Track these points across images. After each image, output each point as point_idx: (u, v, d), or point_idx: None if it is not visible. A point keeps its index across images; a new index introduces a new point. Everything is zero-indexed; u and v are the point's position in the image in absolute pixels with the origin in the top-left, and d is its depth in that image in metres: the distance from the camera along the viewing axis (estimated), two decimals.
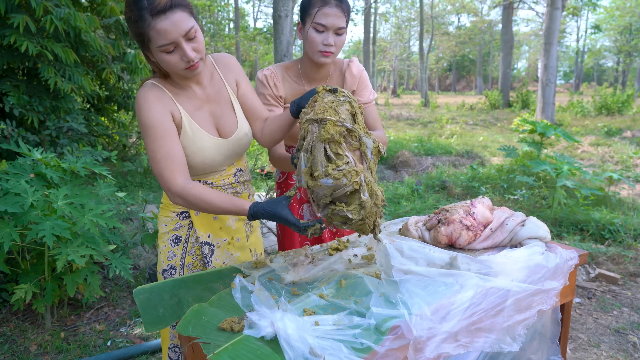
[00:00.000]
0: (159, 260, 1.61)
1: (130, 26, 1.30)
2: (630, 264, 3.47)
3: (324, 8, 1.62)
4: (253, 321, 1.06)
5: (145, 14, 1.24)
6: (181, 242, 1.57)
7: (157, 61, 1.35)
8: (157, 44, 1.28)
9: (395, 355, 1.09)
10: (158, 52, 1.30)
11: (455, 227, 1.58)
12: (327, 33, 1.65)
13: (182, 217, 1.57)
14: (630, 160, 7.48)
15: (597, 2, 18.13)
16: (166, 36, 1.26)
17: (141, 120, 1.38)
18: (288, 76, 1.82)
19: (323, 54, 1.67)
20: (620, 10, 34.86)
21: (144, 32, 1.27)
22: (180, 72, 1.35)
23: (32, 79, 4.45)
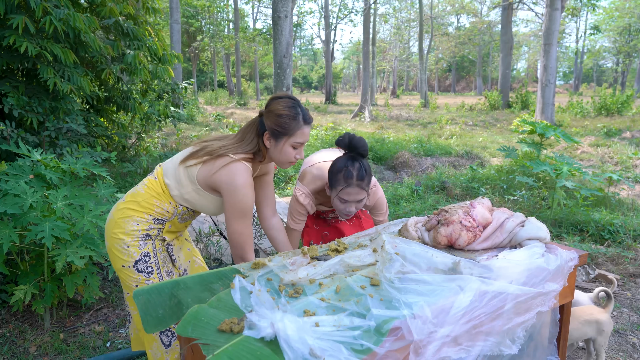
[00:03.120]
0: (126, 254, 1.72)
1: (280, 119, 1.67)
2: (629, 264, 3.47)
3: (347, 188, 1.96)
4: (253, 322, 1.06)
5: (300, 118, 1.70)
6: (150, 238, 1.77)
7: (276, 150, 1.72)
8: (295, 140, 1.71)
9: (395, 357, 1.09)
10: (289, 145, 1.71)
11: (455, 227, 1.57)
12: (349, 204, 2.00)
13: (157, 222, 1.77)
14: (629, 160, 7.48)
15: (597, 2, 18.14)
16: (304, 137, 1.73)
17: (240, 199, 1.65)
18: (319, 197, 2.23)
19: (347, 216, 2.06)
20: (619, 11, 34.90)
21: (291, 128, 1.68)
22: (286, 163, 1.76)
23: (31, 80, 4.44)
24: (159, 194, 1.74)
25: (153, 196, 1.74)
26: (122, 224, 1.72)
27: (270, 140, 1.72)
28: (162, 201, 1.74)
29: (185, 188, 1.72)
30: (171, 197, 1.74)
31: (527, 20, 38.32)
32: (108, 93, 5.82)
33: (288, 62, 8.83)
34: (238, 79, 25.71)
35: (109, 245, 1.76)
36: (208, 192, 1.72)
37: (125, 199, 1.77)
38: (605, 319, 2.16)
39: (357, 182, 1.94)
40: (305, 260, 1.51)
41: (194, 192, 1.72)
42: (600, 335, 2.16)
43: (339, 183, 1.97)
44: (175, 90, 6.77)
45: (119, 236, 1.72)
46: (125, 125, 6.77)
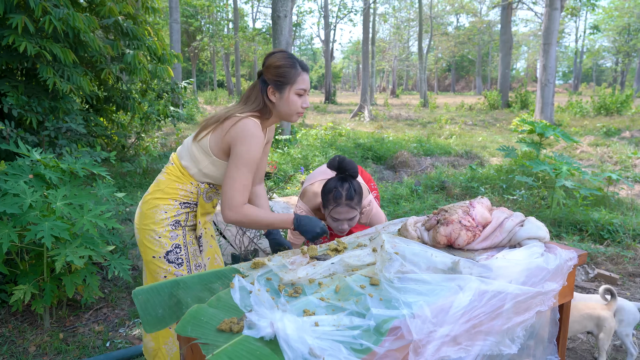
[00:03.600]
0: (158, 244, 1.76)
1: (279, 70, 1.70)
2: (629, 264, 3.48)
3: (337, 208, 2.05)
4: (252, 322, 1.06)
5: (298, 66, 1.73)
6: (180, 225, 1.80)
7: (283, 101, 1.73)
8: (298, 87, 1.73)
9: (395, 356, 1.09)
10: (293, 93, 1.73)
11: (455, 227, 1.58)
12: (341, 222, 2.09)
13: (184, 206, 1.80)
14: (629, 160, 7.49)
15: (596, 2, 18.15)
16: (305, 84, 1.75)
17: (251, 150, 1.65)
18: (318, 214, 2.31)
19: (340, 231, 2.12)
20: (618, 11, 34.91)
21: (292, 76, 1.71)
22: (294, 114, 1.77)
23: (30, 80, 4.44)
24: (179, 177, 1.78)
25: (174, 180, 1.78)
26: (151, 215, 1.76)
27: (275, 94, 1.74)
28: (184, 183, 1.78)
29: (201, 163, 1.75)
30: (191, 177, 1.78)
31: (527, 20, 38.35)
32: (107, 93, 5.82)
33: None
34: (237, 79, 25.70)
35: (140, 238, 1.79)
36: (224, 160, 1.74)
37: (150, 191, 1.81)
38: (606, 316, 2.18)
39: (346, 201, 2.03)
40: (305, 259, 1.51)
41: (211, 164, 1.75)
42: (601, 332, 2.18)
43: (330, 203, 2.07)
44: (175, 89, 6.77)
45: (150, 227, 1.76)
46: (125, 124, 6.77)
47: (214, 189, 1.86)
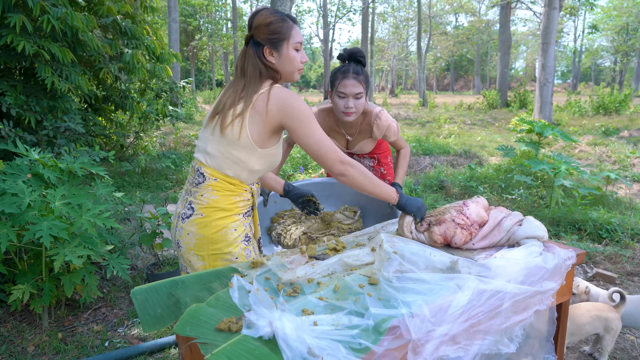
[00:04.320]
0: None
1: (271, 27, 1.59)
2: (627, 263, 3.48)
3: (344, 80, 2.09)
4: (251, 321, 1.06)
5: (287, 19, 1.62)
6: (250, 239, 1.71)
7: (283, 59, 1.62)
8: (295, 40, 1.63)
9: (394, 356, 1.09)
10: (291, 48, 1.62)
11: (448, 226, 1.58)
12: (347, 99, 2.11)
13: (246, 216, 1.70)
14: (627, 159, 7.50)
15: (595, 2, 18.17)
16: (300, 36, 1.65)
17: (304, 108, 1.56)
18: (326, 118, 2.33)
19: (345, 114, 2.14)
20: (617, 10, 34.96)
21: (286, 30, 1.60)
22: (295, 71, 1.66)
23: (29, 79, 4.43)
24: (232, 190, 1.62)
25: (229, 195, 1.61)
26: (222, 238, 1.60)
27: (272, 54, 1.61)
28: (239, 194, 1.63)
29: (250, 162, 1.59)
30: (243, 183, 1.63)
31: (526, 20, 38.35)
32: (106, 92, 5.81)
33: None
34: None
35: (209, 265, 1.62)
36: (271, 147, 1.61)
37: (205, 214, 1.60)
38: (614, 318, 2.21)
39: (352, 74, 2.08)
40: (304, 259, 1.51)
41: (259, 158, 1.60)
42: (607, 333, 2.20)
43: (337, 78, 2.11)
44: (174, 89, 6.76)
45: (224, 250, 1.61)
46: (124, 124, 6.76)
47: (257, 184, 1.75)
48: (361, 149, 2.41)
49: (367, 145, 2.40)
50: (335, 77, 2.14)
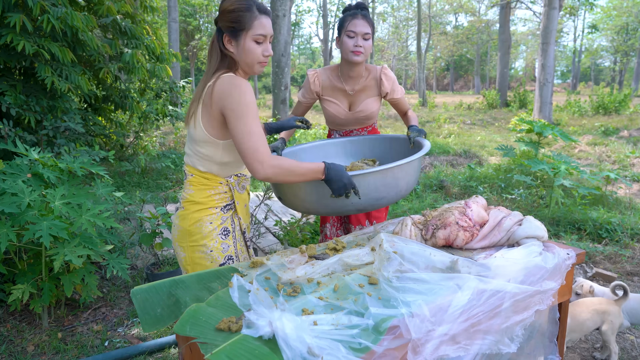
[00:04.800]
0: (210, 259, 1.66)
1: (233, 15, 1.55)
2: (627, 263, 3.48)
3: (354, 20, 2.16)
4: (251, 321, 1.06)
5: (254, 8, 1.56)
6: (229, 232, 1.71)
7: (240, 50, 1.58)
8: (255, 32, 1.56)
9: (394, 355, 1.09)
10: (251, 40, 1.57)
11: (452, 229, 1.58)
12: (357, 38, 2.16)
13: (225, 210, 1.71)
14: (627, 159, 7.50)
15: (594, 2, 18.17)
16: (264, 28, 1.57)
17: (242, 98, 1.50)
18: (330, 76, 2.35)
19: (355, 53, 2.17)
20: (617, 10, 34.96)
21: (247, 20, 1.55)
22: (255, 64, 1.60)
23: (29, 79, 4.43)
24: (206, 185, 1.66)
25: (204, 189, 1.66)
26: (197, 230, 1.65)
27: (231, 43, 1.57)
28: (214, 187, 1.66)
29: (216, 156, 1.62)
30: (217, 177, 1.66)
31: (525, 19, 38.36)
32: (106, 92, 5.81)
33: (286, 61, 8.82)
34: None
35: (188, 256, 1.67)
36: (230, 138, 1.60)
37: (185, 207, 1.68)
38: (613, 310, 2.21)
39: (361, 15, 2.16)
40: (304, 259, 1.51)
41: (224, 150, 1.62)
42: (606, 324, 2.19)
43: (345, 20, 2.17)
44: (173, 89, 6.76)
45: (199, 242, 1.65)
46: (123, 124, 6.76)
47: (243, 177, 1.75)
48: (365, 108, 2.35)
49: (372, 104, 2.36)
50: (344, 19, 2.18)
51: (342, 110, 2.37)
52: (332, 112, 2.37)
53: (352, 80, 2.31)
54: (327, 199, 1.67)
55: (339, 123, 2.44)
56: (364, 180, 1.64)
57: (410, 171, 1.80)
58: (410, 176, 1.81)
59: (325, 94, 2.37)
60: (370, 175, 1.66)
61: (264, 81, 40.46)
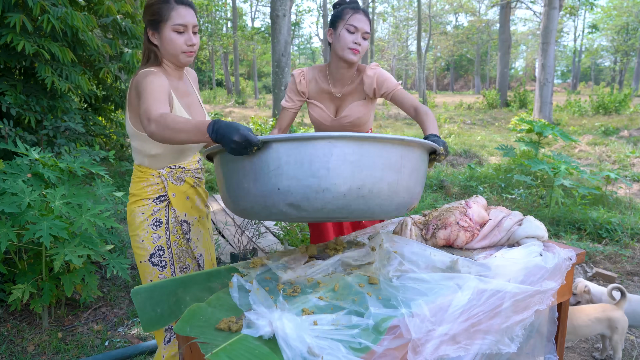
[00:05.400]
0: (142, 248, 1.72)
1: (152, 8, 1.59)
2: (627, 262, 3.48)
3: (356, 14, 1.90)
4: (251, 321, 1.06)
5: (171, 1, 1.59)
6: (162, 223, 1.74)
7: (163, 41, 1.61)
8: (173, 22, 1.59)
9: (394, 355, 1.09)
10: (170, 30, 1.59)
11: (453, 229, 1.58)
12: (357, 34, 1.90)
13: (158, 201, 1.73)
14: (627, 159, 7.50)
15: (595, 1, 18.16)
16: (183, 18, 1.60)
17: (145, 86, 1.50)
18: (316, 77, 2.07)
19: (352, 51, 1.91)
20: (617, 10, 34.95)
21: (164, 12, 1.58)
22: (180, 54, 1.62)
23: (29, 79, 4.43)
24: (140, 177, 1.73)
25: (138, 181, 1.73)
26: (132, 221, 1.74)
27: (154, 36, 1.63)
28: (147, 179, 1.72)
29: (145, 148, 1.68)
30: (148, 168, 1.72)
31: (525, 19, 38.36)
32: (106, 92, 5.81)
33: (286, 61, 8.82)
34: (236, 78, 25.69)
35: (132, 245, 1.77)
36: None
37: (128, 200, 1.78)
38: (618, 316, 2.20)
39: (363, 9, 1.93)
40: (304, 259, 1.51)
41: (149, 142, 1.66)
42: (615, 333, 2.19)
43: (346, 12, 1.91)
44: None
45: (134, 232, 1.74)
46: (124, 124, 6.76)
47: (180, 169, 1.76)
48: (350, 113, 2.05)
49: (358, 108, 2.05)
50: (344, 11, 1.92)
51: (327, 115, 2.08)
52: (316, 118, 2.10)
53: (340, 81, 2.04)
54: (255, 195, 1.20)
55: (325, 130, 2.13)
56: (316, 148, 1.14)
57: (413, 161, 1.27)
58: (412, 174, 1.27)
59: (311, 96, 2.10)
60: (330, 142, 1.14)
61: (264, 81, 40.45)
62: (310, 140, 1.14)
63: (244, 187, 1.23)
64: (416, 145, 1.27)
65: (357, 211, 1.21)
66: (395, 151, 1.21)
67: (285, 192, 1.15)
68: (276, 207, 1.19)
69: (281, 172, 1.15)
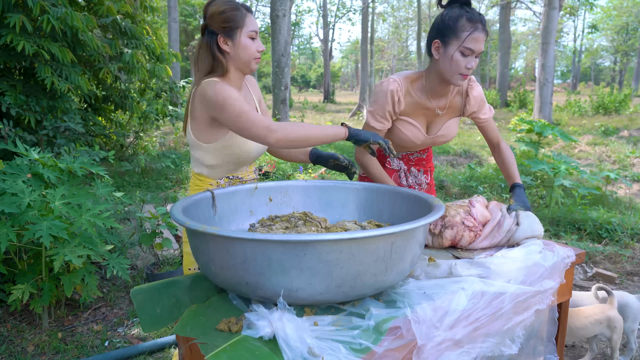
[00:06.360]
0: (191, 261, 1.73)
1: (224, 15, 1.60)
2: (627, 263, 3.48)
3: (475, 33, 1.61)
4: (251, 321, 1.06)
5: (241, 7, 1.63)
6: None
7: (238, 48, 1.62)
8: (248, 29, 1.62)
9: (394, 356, 1.09)
10: (246, 37, 1.62)
11: (458, 229, 1.59)
12: (471, 57, 1.64)
13: None
14: (627, 159, 7.50)
15: (594, 1, 18.17)
16: (255, 25, 1.64)
17: (224, 94, 1.52)
18: (412, 89, 1.80)
19: (463, 77, 1.68)
20: (617, 10, 34.97)
21: (239, 19, 1.61)
22: (252, 60, 1.65)
23: (28, 79, 4.43)
24: (199, 185, 1.74)
25: (196, 189, 1.74)
26: None
27: (227, 43, 1.62)
28: (205, 188, 1.70)
29: (205, 158, 1.68)
30: (207, 178, 1.73)
31: (525, 19, 38.38)
32: (106, 92, 5.81)
33: (286, 61, 8.82)
34: None
35: (184, 252, 1.77)
36: (218, 141, 1.64)
37: None
38: (615, 315, 2.20)
39: (482, 25, 1.62)
40: None
41: (210, 153, 1.67)
42: (614, 333, 2.19)
43: (464, 28, 1.60)
44: (173, 89, 6.77)
45: (186, 239, 1.73)
46: (123, 124, 6.76)
47: (237, 179, 1.78)
48: (447, 132, 1.87)
49: (453, 127, 1.89)
50: (460, 25, 1.62)
51: (421, 134, 1.85)
52: (409, 137, 1.83)
53: (443, 98, 1.82)
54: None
55: (409, 147, 1.93)
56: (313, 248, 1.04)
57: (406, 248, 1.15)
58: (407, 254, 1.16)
59: (404, 113, 1.82)
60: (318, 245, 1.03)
61: (264, 81, 40.43)
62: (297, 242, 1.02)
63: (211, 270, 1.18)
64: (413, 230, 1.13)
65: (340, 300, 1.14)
66: (385, 242, 1.09)
67: (254, 287, 1.10)
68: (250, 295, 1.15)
69: (248, 267, 1.08)
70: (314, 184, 1.70)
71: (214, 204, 1.51)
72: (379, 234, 1.05)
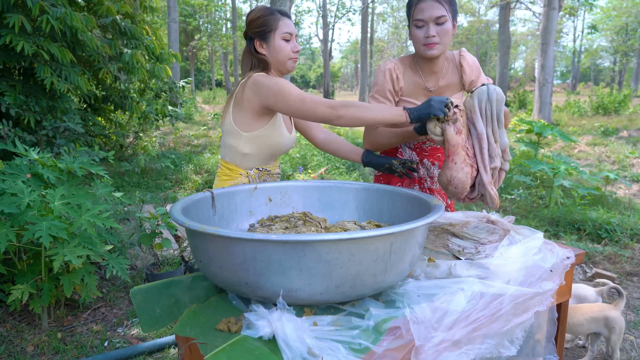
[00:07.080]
0: None
1: (259, 21, 1.72)
2: (626, 263, 3.49)
3: (420, 4, 1.70)
4: (251, 321, 1.06)
5: (276, 12, 1.74)
6: None
7: (272, 49, 1.73)
8: (282, 31, 1.72)
9: (394, 356, 1.09)
10: (280, 38, 1.72)
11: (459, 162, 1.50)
12: (427, 26, 1.71)
13: None
14: (626, 159, 7.50)
15: (594, 2, 18.18)
16: (289, 27, 1.74)
17: (271, 82, 1.60)
18: (408, 70, 1.86)
19: (428, 47, 1.73)
20: (616, 11, 34.97)
21: (272, 22, 1.71)
22: (287, 60, 1.75)
23: (28, 79, 4.43)
24: (228, 175, 1.78)
25: (225, 180, 1.78)
26: None
27: (262, 46, 1.74)
28: (234, 178, 1.77)
29: (239, 146, 1.73)
30: (238, 167, 1.77)
31: (525, 20, 38.38)
32: (105, 92, 5.81)
33: None
34: (236, 78, 25.65)
35: None
36: (258, 130, 1.70)
37: None
38: (615, 316, 2.19)
39: None
40: None
41: (247, 141, 1.72)
42: (612, 333, 2.18)
43: (411, 4, 1.73)
44: (173, 89, 6.76)
45: None
46: (123, 124, 6.76)
47: (266, 172, 1.82)
48: None
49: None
50: (410, 3, 1.74)
51: None
52: None
53: (434, 75, 1.85)
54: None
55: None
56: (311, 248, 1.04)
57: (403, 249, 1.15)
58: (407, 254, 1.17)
59: (405, 94, 1.87)
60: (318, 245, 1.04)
61: None
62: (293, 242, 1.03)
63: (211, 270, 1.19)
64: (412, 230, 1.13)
65: (339, 300, 1.15)
66: (384, 242, 1.10)
67: (254, 287, 1.11)
68: (250, 295, 1.15)
69: (247, 267, 1.08)
70: (314, 184, 1.73)
71: (214, 204, 1.52)
72: (378, 234, 1.07)
